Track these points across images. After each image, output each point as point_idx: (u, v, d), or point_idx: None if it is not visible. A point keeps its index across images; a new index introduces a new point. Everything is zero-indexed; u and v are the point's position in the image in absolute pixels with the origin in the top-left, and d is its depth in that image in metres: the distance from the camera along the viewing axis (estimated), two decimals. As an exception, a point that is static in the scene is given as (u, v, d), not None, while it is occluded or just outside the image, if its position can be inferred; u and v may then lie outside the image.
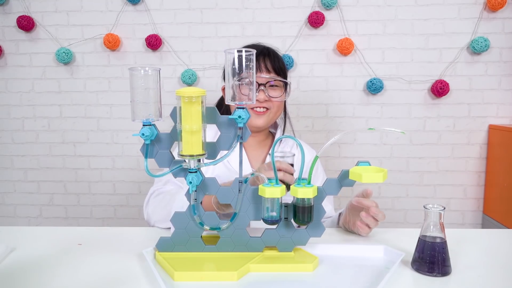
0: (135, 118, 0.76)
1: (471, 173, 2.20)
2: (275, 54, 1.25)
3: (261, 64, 1.19)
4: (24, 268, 0.79)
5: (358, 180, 0.75)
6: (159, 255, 0.82)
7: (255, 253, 0.82)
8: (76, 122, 2.28)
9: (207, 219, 0.82)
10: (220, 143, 0.81)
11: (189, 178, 0.77)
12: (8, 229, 1.02)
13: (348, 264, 0.81)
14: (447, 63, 2.12)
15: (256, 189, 0.80)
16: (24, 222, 2.37)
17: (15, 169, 2.34)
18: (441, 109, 2.16)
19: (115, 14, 2.18)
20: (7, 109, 2.28)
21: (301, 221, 0.79)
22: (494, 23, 2.08)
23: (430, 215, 0.77)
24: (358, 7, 2.11)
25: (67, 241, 0.92)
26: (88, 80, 2.24)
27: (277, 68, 1.21)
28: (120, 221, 2.34)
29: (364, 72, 2.15)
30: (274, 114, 1.22)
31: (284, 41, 2.15)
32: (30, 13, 2.19)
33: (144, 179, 2.30)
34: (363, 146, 2.19)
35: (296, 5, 2.13)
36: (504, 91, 2.13)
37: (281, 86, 1.22)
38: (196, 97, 0.74)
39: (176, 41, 2.18)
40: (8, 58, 2.24)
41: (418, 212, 2.23)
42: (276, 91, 1.20)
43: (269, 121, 1.21)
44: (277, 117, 1.26)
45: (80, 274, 0.76)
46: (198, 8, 2.16)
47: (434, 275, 0.75)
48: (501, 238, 0.97)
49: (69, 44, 2.21)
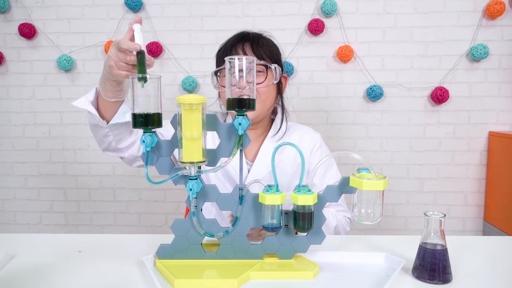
0: (135, 125, 0.76)
1: (472, 180, 2.20)
2: (258, 39, 1.15)
3: (238, 50, 1.11)
4: (24, 275, 0.79)
5: (358, 187, 0.75)
6: (159, 263, 0.81)
7: (255, 261, 0.82)
8: (77, 129, 2.28)
9: (207, 226, 0.82)
10: (221, 150, 0.81)
11: (189, 185, 0.77)
12: (7, 236, 1.02)
13: (349, 272, 0.81)
14: (446, 70, 2.13)
15: (257, 196, 0.80)
16: (24, 229, 2.37)
17: (16, 176, 2.34)
18: (441, 116, 2.16)
19: (116, 21, 2.19)
20: (8, 116, 2.29)
21: (302, 228, 0.79)
22: (493, 30, 2.09)
23: (431, 222, 0.77)
24: (357, 15, 2.13)
25: (67, 248, 0.92)
26: (89, 87, 2.22)
27: (259, 53, 1.11)
28: (120, 228, 2.33)
29: (364, 79, 2.16)
30: (263, 103, 1.12)
31: (284, 48, 2.14)
32: (31, 21, 2.20)
33: (144, 186, 2.30)
34: (364, 153, 2.19)
35: (296, 13, 2.14)
36: (504, 98, 2.14)
37: (265, 72, 1.11)
38: (197, 104, 0.74)
39: (177, 49, 2.20)
40: (10, 65, 2.25)
41: (418, 219, 2.22)
42: (259, 77, 1.10)
43: (259, 111, 1.13)
44: (268, 107, 1.16)
45: (80, 282, 0.76)
46: (198, 15, 2.17)
47: (435, 282, 0.75)
48: (502, 245, 0.97)
49: (70, 51, 2.22)
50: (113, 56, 0.86)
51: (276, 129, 1.21)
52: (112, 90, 0.95)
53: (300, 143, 1.20)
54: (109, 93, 0.96)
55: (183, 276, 0.75)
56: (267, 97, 1.13)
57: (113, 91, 0.96)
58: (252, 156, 1.19)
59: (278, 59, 1.19)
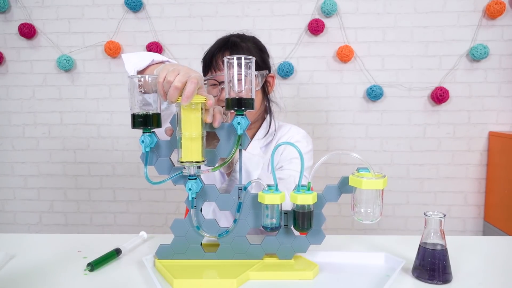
0: (135, 125, 0.76)
1: (472, 180, 2.19)
2: (238, 44, 1.10)
3: (218, 60, 1.08)
4: (24, 275, 0.79)
5: (358, 186, 0.75)
6: (158, 263, 0.81)
7: (255, 261, 0.82)
8: (77, 129, 2.28)
9: (207, 226, 0.82)
10: (220, 150, 0.81)
11: (188, 185, 0.77)
12: (7, 236, 1.01)
13: (349, 272, 0.81)
14: (446, 70, 2.13)
15: (256, 196, 0.80)
16: (24, 229, 2.37)
17: (15, 176, 2.34)
18: (441, 116, 2.16)
19: (116, 21, 2.19)
20: (7, 116, 2.29)
21: (301, 228, 0.79)
22: (493, 30, 2.09)
23: (431, 222, 0.77)
24: (358, 15, 2.13)
25: (67, 248, 0.92)
26: (89, 87, 2.25)
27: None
28: (120, 228, 2.33)
29: (364, 79, 2.16)
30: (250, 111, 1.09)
31: (284, 48, 2.16)
32: (31, 21, 2.20)
33: (144, 186, 2.30)
34: (363, 153, 2.19)
35: (296, 13, 2.14)
36: (504, 98, 2.13)
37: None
38: (196, 104, 0.74)
39: (177, 48, 2.20)
40: (9, 65, 2.25)
41: (418, 219, 2.22)
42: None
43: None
44: (255, 112, 1.13)
45: (80, 282, 0.76)
46: (198, 15, 2.17)
47: (435, 282, 0.75)
48: (502, 245, 0.97)
49: (70, 51, 2.22)
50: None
51: (264, 132, 1.18)
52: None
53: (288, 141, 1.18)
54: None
55: (182, 276, 0.75)
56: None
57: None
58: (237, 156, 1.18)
59: (263, 61, 1.14)
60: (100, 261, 0.81)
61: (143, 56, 0.94)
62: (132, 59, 0.93)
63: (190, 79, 0.72)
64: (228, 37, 1.14)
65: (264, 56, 1.16)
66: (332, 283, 0.76)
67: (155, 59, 0.93)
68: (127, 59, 0.94)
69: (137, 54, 0.95)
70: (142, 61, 0.92)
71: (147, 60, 0.92)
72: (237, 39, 1.13)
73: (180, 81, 0.72)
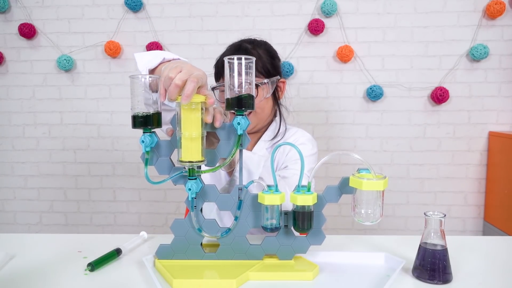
0: (135, 125, 0.76)
1: (472, 180, 2.19)
2: (250, 52, 1.11)
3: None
4: (24, 275, 0.79)
5: (358, 187, 0.75)
6: (158, 263, 0.81)
7: (255, 261, 0.82)
8: (77, 129, 2.28)
9: (207, 226, 0.82)
10: (220, 150, 0.81)
11: (188, 185, 0.77)
12: (7, 236, 1.01)
13: (349, 272, 0.81)
14: (446, 70, 2.13)
15: (256, 196, 0.80)
16: (24, 229, 2.37)
17: (15, 176, 2.34)
18: (441, 116, 2.16)
19: (116, 21, 2.19)
20: (7, 116, 2.29)
21: (301, 229, 0.79)
22: (493, 30, 2.09)
23: (431, 222, 0.77)
24: (358, 15, 2.13)
25: (67, 248, 0.92)
26: (89, 87, 2.25)
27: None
28: (120, 228, 2.33)
29: (364, 79, 2.16)
30: (259, 115, 1.12)
31: (284, 48, 2.16)
32: (31, 21, 2.20)
33: (144, 186, 2.30)
34: (364, 153, 2.19)
35: (296, 13, 2.14)
36: (504, 98, 2.13)
37: (256, 89, 1.06)
38: (196, 104, 0.74)
39: (177, 48, 2.19)
40: (10, 65, 2.25)
41: (418, 219, 2.22)
42: None
43: (255, 123, 1.12)
44: (265, 118, 1.15)
45: (80, 282, 0.76)
46: (198, 15, 2.17)
47: (435, 282, 0.75)
48: (502, 245, 0.97)
49: (70, 51, 2.22)
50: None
51: (272, 133, 1.19)
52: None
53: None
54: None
55: (182, 276, 0.75)
56: (262, 110, 1.12)
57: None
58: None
59: (274, 67, 1.15)
60: (100, 261, 0.81)
61: (154, 54, 0.94)
62: (144, 58, 0.94)
63: (191, 78, 0.72)
64: (239, 43, 1.15)
65: (275, 62, 1.16)
66: (332, 283, 0.76)
67: (166, 57, 0.93)
68: (140, 58, 0.94)
69: (149, 53, 0.96)
70: (153, 59, 0.93)
71: (158, 59, 0.93)
72: (248, 45, 1.14)
73: (181, 79, 0.72)
